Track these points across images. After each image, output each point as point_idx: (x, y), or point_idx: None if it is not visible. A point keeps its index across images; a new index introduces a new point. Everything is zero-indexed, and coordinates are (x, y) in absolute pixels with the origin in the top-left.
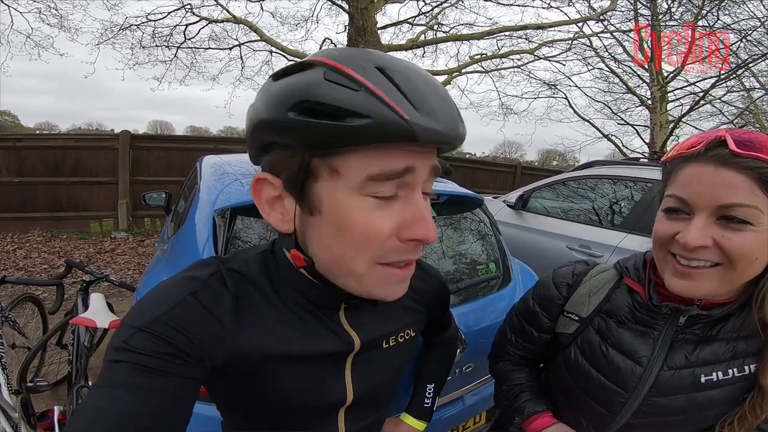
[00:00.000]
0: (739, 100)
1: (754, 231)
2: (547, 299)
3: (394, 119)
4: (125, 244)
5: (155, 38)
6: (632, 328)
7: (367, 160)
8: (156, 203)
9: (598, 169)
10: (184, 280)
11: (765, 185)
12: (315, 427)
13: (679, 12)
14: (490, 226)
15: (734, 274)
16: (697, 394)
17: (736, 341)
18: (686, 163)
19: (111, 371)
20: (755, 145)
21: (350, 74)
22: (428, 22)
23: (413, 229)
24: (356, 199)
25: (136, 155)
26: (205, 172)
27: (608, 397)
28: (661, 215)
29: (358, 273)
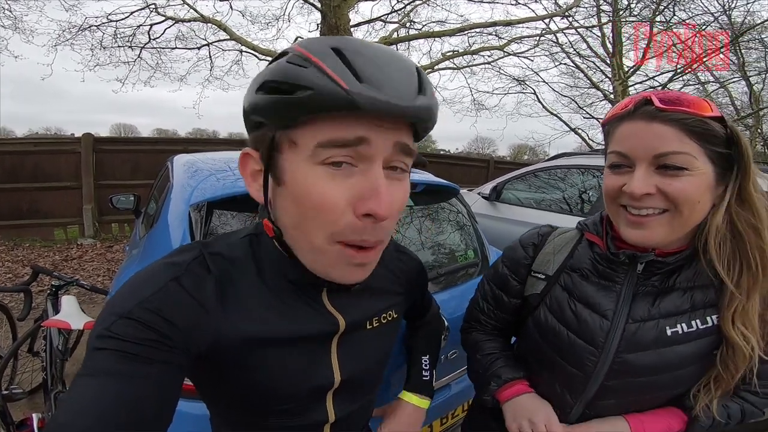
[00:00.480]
0: (695, 94)
1: (691, 175)
2: (515, 261)
3: (333, 89)
4: (93, 250)
5: (117, 39)
6: (595, 282)
7: (318, 130)
8: (124, 206)
9: (566, 160)
10: (165, 266)
11: (693, 134)
12: (304, 413)
13: (639, 8)
14: (467, 214)
15: (681, 219)
16: (666, 349)
17: (692, 290)
18: (621, 122)
19: (94, 359)
20: (679, 101)
21: (305, 54)
22: (401, 20)
23: (365, 202)
24: (310, 168)
25: (100, 159)
26: (178, 170)
27: (579, 354)
28: (608, 171)
29: (316, 246)
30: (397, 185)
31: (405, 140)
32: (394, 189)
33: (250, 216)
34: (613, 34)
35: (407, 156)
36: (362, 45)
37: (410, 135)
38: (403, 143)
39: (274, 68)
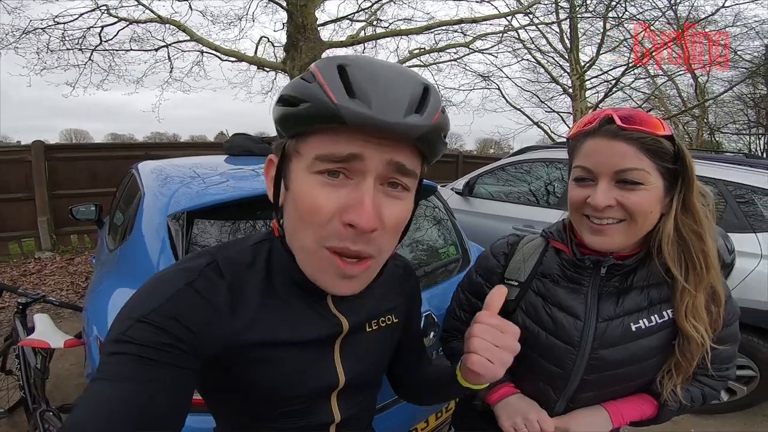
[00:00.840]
0: (646, 87)
1: (645, 189)
2: (488, 270)
3: (324, 102)
4: (52, 263)
5: (65, 41)
6: (565, 286)
7: (318, 143)
8: (85, 217)
9: (531, 154)
10: (180, 272)
11: (648, 152)
12: (310, 414)
13: (593, 4)
14: (445, 211)
15: (636, 227)
16: (632, 344)
17: (648, 289)
18: (586, 138)
19: (110, 364)
20: (636, 120)
21: (313, 71)
22: (368, 18)
23: (348, 213)
24: (307, 176)
25: (53, 167)
26: (147, 179)
27: (559, 354)
28: (573, 184)
29: (306, 248)
30: (394, 203)
31: (401, 160)
32: (388, 205)
33: (230, 224)
34: (570, 30)
35: (405, 176)
36: (368, 63)
37: (413, 156)
38: (398, 162)
39: (291, 83)
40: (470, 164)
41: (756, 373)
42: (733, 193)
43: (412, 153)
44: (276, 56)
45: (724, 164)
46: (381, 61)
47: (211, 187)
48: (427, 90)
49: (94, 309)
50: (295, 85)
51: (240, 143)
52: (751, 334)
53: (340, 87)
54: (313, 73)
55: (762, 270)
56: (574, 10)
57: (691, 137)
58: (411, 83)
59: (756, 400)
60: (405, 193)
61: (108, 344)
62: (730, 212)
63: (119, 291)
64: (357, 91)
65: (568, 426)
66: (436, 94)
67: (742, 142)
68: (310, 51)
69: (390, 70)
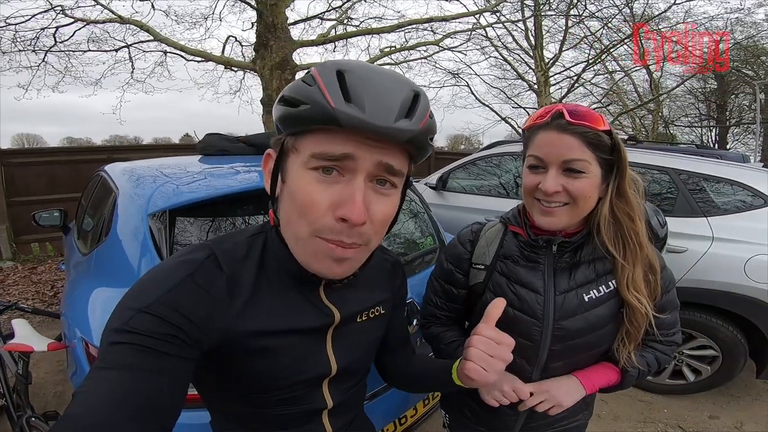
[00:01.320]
0: (605, 82)
1: (587, 177)
2: (457, 257)
3: (323, 105)
4: (14, 273)
5: (17, 43)
6: (524, 265)
7: (315, 142)
8: (49, 223)
9: (500, 148)
10: (181, 263)
11: (590, 144)
12: (304, 401)
13: (556, 2)
14: (421, 204)
15: (578, 209)
16: (588, 313)
17: (594, 262)
18: (539, 130)
19: (111, 353)
20: (581, 116)
21: (314, 74)
22: (338, 17)
23: (341, 207)
24: (303, 172)
25: (10, 173)
26: (120, 180)
27: (526, 328)
28: (526, 171)
29: (299, 237)
30: (382, 199)
31: (390, 161)
32: (376, 201)
33: (211, 221)
34: (535, 27)
35: (393, 175)
36: (365, 69)
37: (401, 157)
38: (387, 163)
39: (292, 84)
40: (442, 160)
41: (718, 353)
42: (685, 181)
43: (400, 154)
44: (244, 56)
45: (676, 154)
46: (376, 67)
47: (190, 185)
48: (418, 96)
49: (74, 312)
50: (296, 86)
51: (214, 143)
52: (709, 314)
53: (338, 91)
54: (313, 76)
55: (714, 252)
56: (538, 7)
57: (647, 130)
58: (403, 90)
59: (721, 379)
60: (392, 190)
61: (109, 334)
62: (682, 199)
63: (97, 292)
64: (353, 96)
65: (549, 389)
66: (425, 100)
67: (695, 134)
68: (281, 50)
69: (384, 76)
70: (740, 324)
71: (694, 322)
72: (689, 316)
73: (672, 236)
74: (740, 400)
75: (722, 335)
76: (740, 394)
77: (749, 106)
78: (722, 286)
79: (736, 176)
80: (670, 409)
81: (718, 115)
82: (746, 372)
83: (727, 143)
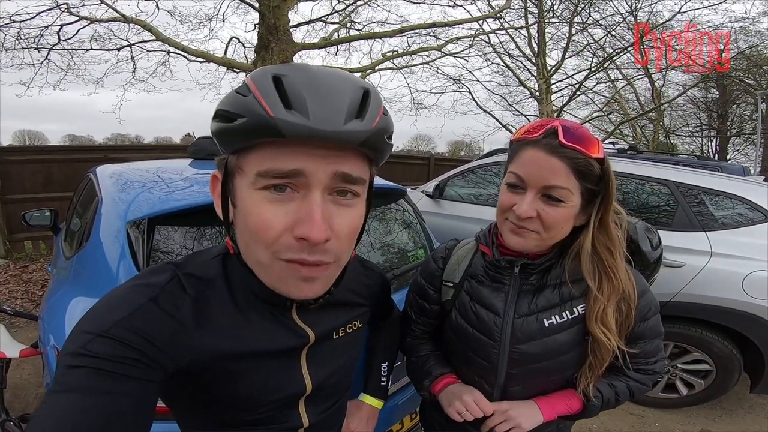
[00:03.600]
0: (606, 90)
1: (564, 207)
2: (430, 273)
3: (261, 116)
4: (6, 271)
5: (20, 40)
6: (488, 285)
7: (260, 159)
8: (40, 223)
9: (499, 156)
10: (141, 287)
11: (578, 172)
12: (278, 420)
13: (560, 9)
14: (414, 214)
15: (548, 236)
16: (547, 339)
17: (560, 287)
18: (527, 146)
19: (67, 376)
20: (577, 138)
21: (248, 83)
22: (341, 21)
23: (299, 227)
24: (252, 193)
25: (6, 170)
26: (105, 183)
27: (484, 349)
28: (504, 188)
29: (262, 263)
30: (344, 211)
31: (347, 169)
32: (338, 214)
33: (193, 231)
34: (538, 34)
35: (353, 184)
36: (304, 71)
37: (359, 162)
38: (343, 173)
39: (226, 97)
40: (442, 166)
41: (712, 367)
42: (684, 194)
43: (357, 159)
44: (246, 57)
45: (676, 166)
46: (318, 67)
47: (174, 192)
48: (367, 94)
49: (50, 318)
50: (230, 99)
51: (206, 147)
52: (704, 329)
53: (276, 99)
54: (247, 85)
55: (711, 267)
56: (542, 14)
57: (648, 139)
58: (350, 88)
59: (715, 393)
60: (355, 199)
61: (66, 357)
62: (681, 212)
63: (76, 300)
64: (294, 102)
65: (508, 410)
66: (376, 97)
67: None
68: (282, 52)
69: (327, 76)
70: (735, 338)
71: (689, 337)
72: (684, 330)
73: (670, 250)
74: (733, 414)
75: (717, 350)
76: (733, 408)
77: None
78: (720, 302)
79: (736, 190)
80: (661, 423)
81: (719, 125)
82: (740, 385)
83: (727, 153)
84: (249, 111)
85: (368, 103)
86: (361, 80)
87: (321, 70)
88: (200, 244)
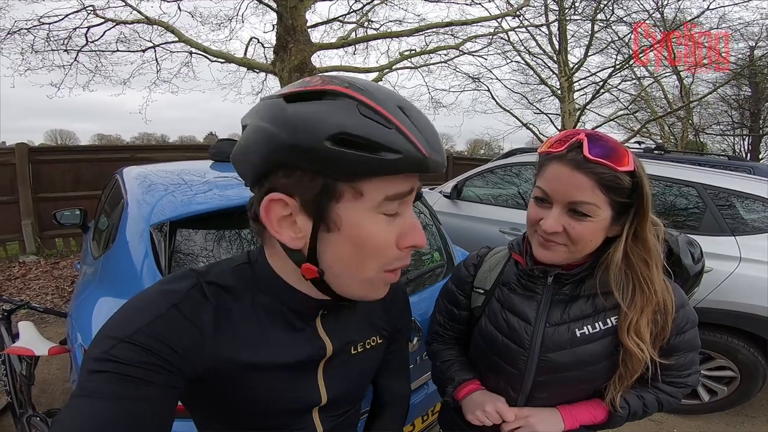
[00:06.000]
0: (632, 88)
1: (592, 222)
2: (460, 279)
3: (416, 155)
4: (37, 268)
5: (50, 42)
6: (520, 294)
7: (386, 185)
8: (70, 222)
9: (520, 157)
10: (164, 293)
11: (604, 186)
12: (291, 427)
13: (582, 6)
14: (430, 216)
15: (576, 250)
16: (578, 348)
17: (594, 298)
18: (552, 160)
19: (91, 381)
20: (603, 152)
21: (382, 112)
22: (359, 20)
23: (410, 238)
24: (374, 216)
25: (38, 170)
26: (130, 185)
27: (512, 356)
28: (532, 201)
29: (369, 278)
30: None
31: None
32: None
33: (212, 233)
34: (559, 32)
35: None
36: (411, 105)
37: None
38: (420, 187)
39: (345, 118)
40: (460, 165)
41: (736, 374)
42: (713, 197)
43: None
44: (266, 57)
45: (705, 168)
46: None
47: (196, 195)
48: None
49: (78, 317)
50: (364, 126)
51: (226, 149)
52: (731, 335)
53: (421, 137)
54: (382, 114)
55: (740, 273)
56: (562, 12)
57: (676, 138)
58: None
59: (737, 400)
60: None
61: (89, 362)
62: (710, 216)
63: (103, 300)
64: (429, 141)
65: (528, 416)
66: None
67: (726, 143)
68: (300, 53)
69: (423, 113)
70: (761, 345)
71: (714, 343)
72: (709, 336)
73: None
74: (755, 420)
75: (743, 357)
76: (755, 414)
77: None
78: (748, 308)
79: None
80: (680, 429)
81: (752, 123)
82: (763, 391)
83: (760, 152)
84: (402, 148)
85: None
86: None
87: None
88: (220, 246)
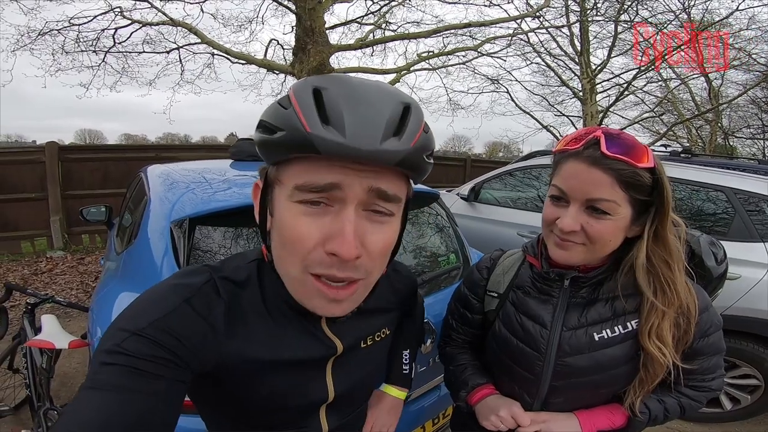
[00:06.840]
0: (658, 90)
1: (611, 220)
2: (473, 283)
3: (298, 131)
4: (63, 263)
5: (79, 43)
6: (536, 297)
7: (297, 172)
8: (96, 218)
9: (540, 159)
10: (178, 287)
11: (623, 183)
12: (298, 425)
13: (605, 7)
14: (447, 218)
15: (594, 250)
16: (596, 353)
17: (613, 301)
18: (569, 158)
19: (101, 373)
20: (621, 149)
21: (290, 95)
22: (376, 22)
23: (330, 242)
24: (289, 205)
25: (67, 168)
26: (153, 183)
27: (528, 360)
28: (548, 201)
29: (291, 276)
30: (378, 228)
31: (383, 186)
32: (371, 231)
33: (230, 230)
34: (581, 33)
35: (387, 201)
36: (346, 84)
37: (396, 179)
38: (378, 189)
39: (269, 108)
40: (478, 168)
41: (761, 382)
42: (743, 202)
43: (394, 177)
44: (285, 59)
45: (733, 172)
46: (361, 80)
47: (216, 193)
48: (408, 110)
49: (99, 311)
50: (272, 110)
51: (245, 148)
52: (757, 343)
53: (314, 113)
54: (288, 97)
55: None
56: (584, 13)
57: (704, 141)
58: (390, 103)
59: (759, 409)
60: (389, 217)
61: (100, 354)
62: (739, 221)
63: (123, 295)
64: (332, 117)
65: (546, 420)
66: (417, 113)
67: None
68: (318, 54)
69: (368, 90)
70: None
71: (739, 351)
72: (735, 344)
73: None
74: None
75: None
76: None
77: None
78: None
79: None
80: None
81: None
82: None
83: None
84: (288, 125)
85: (408, 120)
86: (404, 95)
87: (363, 83)
88: (237, 243)
